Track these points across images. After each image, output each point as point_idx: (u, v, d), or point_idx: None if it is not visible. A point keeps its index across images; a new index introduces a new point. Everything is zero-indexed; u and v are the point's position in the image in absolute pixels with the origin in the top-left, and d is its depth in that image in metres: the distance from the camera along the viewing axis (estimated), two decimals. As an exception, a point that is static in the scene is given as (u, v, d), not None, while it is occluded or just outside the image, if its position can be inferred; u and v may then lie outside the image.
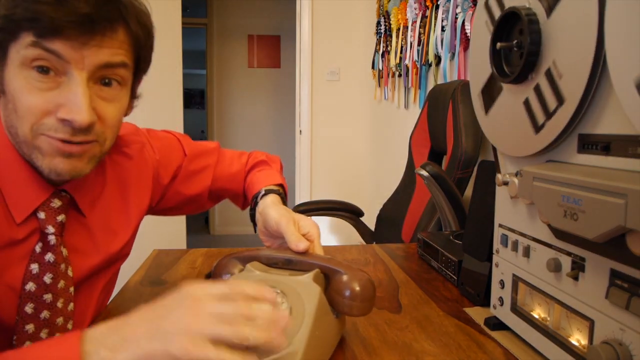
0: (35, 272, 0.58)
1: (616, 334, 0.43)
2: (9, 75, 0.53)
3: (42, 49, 0.51)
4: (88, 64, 0.53)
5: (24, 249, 0.58)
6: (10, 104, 0.53)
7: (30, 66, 0.52)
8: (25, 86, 0.52)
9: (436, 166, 1.07)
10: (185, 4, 3.14)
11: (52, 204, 0.59)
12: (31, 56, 0.51)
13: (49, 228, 0.59)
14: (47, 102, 0.53)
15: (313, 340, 0.50)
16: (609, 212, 0.38)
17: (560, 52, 0.47)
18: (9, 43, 0.52)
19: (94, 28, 0.52)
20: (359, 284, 0.55)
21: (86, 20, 0.51)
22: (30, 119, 0.53)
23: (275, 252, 0.63)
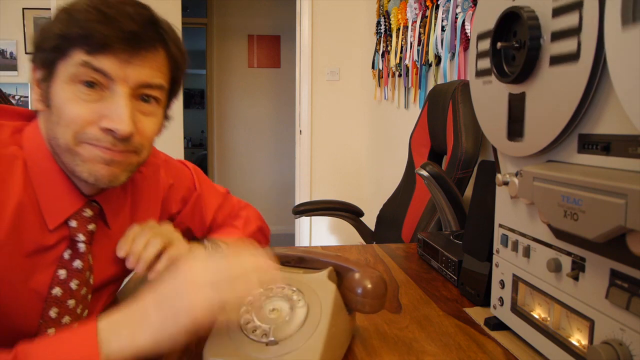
0: (63, 278, 0.61)
1: (616, 334, 0.43)
2: (56, 89, 0.56)
3: (91, 68, 0.55)
4: (130, 81, 0.57)
5: (52, 255, 0.60)
6: (54, 116, 0.57)
7: (77, 81, 0.56)
8: (72, 98, 0.56)
9: (436, 166, 1.07)
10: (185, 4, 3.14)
11: (84, 213, 0.62)
12: (80, 73, 0.55)
13: (80, 236, 0.62)
14: (91, 113, 0.56)
15: (330, 337, 0.51)
16: (609, 212, 0.38)
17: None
18: (59, 61, 0.56)
19: (139, 46, 0.57)
20: (371, 282, 0.56)
21: (132, 38, 0.56)
22: (73, 127, 0.56)
23: (288, 250, 0.64)
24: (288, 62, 4.27)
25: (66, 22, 0.56)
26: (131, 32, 0.56)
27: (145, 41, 0.57)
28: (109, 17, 0.55)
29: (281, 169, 4.44)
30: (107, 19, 0.55)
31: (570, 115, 0.46)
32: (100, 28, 0.54)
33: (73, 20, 0.55)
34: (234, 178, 4.44)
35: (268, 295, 0.55)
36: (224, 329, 0.53)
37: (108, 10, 0.55)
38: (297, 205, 1.99)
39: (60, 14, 0.57)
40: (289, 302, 0.53)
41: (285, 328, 0.51)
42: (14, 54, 3.19)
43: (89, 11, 0.55)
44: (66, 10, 0.57)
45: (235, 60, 4.35)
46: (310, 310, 0.52)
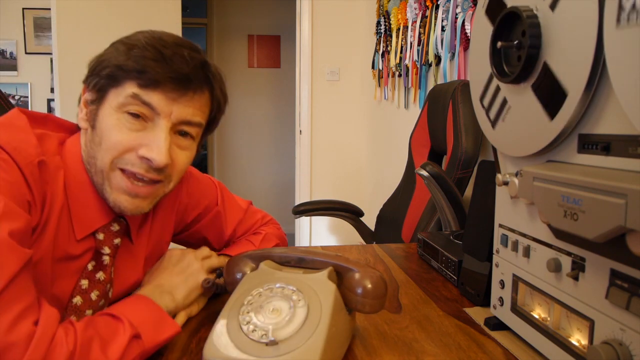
0: (84, 288, 0.63)
1: (616, 334, 0.43)
2: (103, 114, 0.60)
3: (140, 101, 0.59)
4: (174, 116, 0.61)
5: (76, 265, 0.62)
6: (97, 137, 0.60)
7: (125, 111, 0.59)
8: (117, 125, 0.59)
9: (436, 166, 1.07)
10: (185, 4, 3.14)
11: (111, 227, 0.65)
12: (128, 104, 0.59)
13: (105, 249, 0.64)
14: (132, 140, 0.59)
15: (331, 336, 0.51)
16: (609, 212, 0.38)
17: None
18: (111, 88, 0.60)
19: (187, 87, 0.61)
20: (371, 282, 0.56)
21: (183, 79, 0.60)
22: (113, 152, 0.59)
23: (287, 250, 0.64)
24: (288, 62, 4.27)
25: (124, 55, 0.59)
26: (182, 74, 0.59)
27: (194, 83, 0.61)
28: (164, 57, 0.58)
29: (281, 169, 4.44)
30: (163, 58, 0.58)
31: (570, 115, 0.46)
32: (154, 66, 0.58)
33: (131, 54, 0.59)
34: (234, 178, 4.44)
35: (268, 295, 0.55)
36: (224, 329, 0.53)
37: (164, 50, 0.59)
38: (297, 205, 1.99)
39: (120, 45, 0.61)
40: (289, 302, 0.53)
41: (285, 328, 0.51)
42: (14, 54, 3.19)
43: (147, 48, 0.59)
44: (125, 43, 0.60)
45: (235, 60, 4.35)
46: (310, 310, 0.52)
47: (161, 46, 0.59)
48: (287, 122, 4.30)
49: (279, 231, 0.94)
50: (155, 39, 0.60)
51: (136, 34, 0.63)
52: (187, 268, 0.70)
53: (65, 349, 0.46)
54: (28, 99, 3.20)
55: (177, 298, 0.65)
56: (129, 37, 0.62)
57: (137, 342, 0.53)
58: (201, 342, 0.61)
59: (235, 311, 0.54)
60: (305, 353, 0.49)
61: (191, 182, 0.81)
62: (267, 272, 0.60)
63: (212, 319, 0.56)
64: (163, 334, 0.57)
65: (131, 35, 0.62)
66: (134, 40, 0.61)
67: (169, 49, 0.59)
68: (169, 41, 0.61)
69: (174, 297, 0.65)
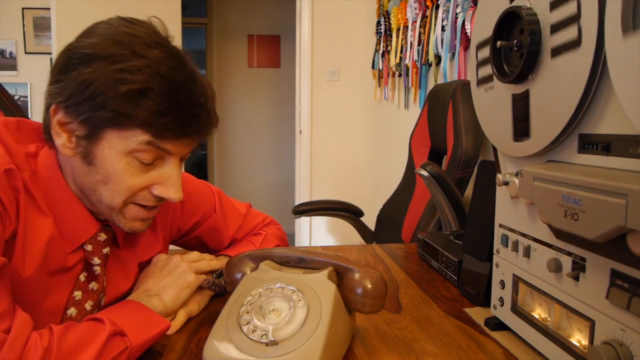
0: (78, 299, 0.62)
1: (617, 334, 0.43)
2: (105, 155, 0.56)
3: (155, 147, 0.56)
4: (183, 152, 0.61)
5: (69, 276, 0.62)
6: (98, 175, 0.57)
7: (135, 156, 0.56)
8: (127, 170, 0.57)
9: (436, 166, 1.07)
10: (185, 4, 3.14)
11: (99, 238, 0.64)
12: (141, 150, 0.56)
13: (95, 259, 0.63)
14: (145, 181, 0.59)
15: (331, 336, 0.51)
16: (609, 212, 0.38)
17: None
18: (110, 128, 0.55)
19: (199, 134, 0.60)
20: (371, 282, 0.56)
21: (198, 130, 0.59)
22: (127, 194, 0.58)
23: (287, 250, 0.64)
24: (288, 62, 4.27)
25: (131, 100, 0.53)
26: (198, 126, 0.58)
27: (205, 130, 0.61)
28: (182, 112, 0.56)
29: (281, 169, 4.44)
30: (181, 115, 0.56)
31: (571, 115, 0.46)
32: (172, 123, 0.55)
33: (142, 103, 0.53)
34: (234, 178, 4.44)
35: (268, 295, 0.55)
36: (224, 329, 0.53)
37: (180, 99, 0.55)
38: (297, 205, 1.99)
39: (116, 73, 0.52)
40: (289, 302, 0.53)
41: (285, 328, 0.51)
42: (13, 53, 3.19)
43: (162, 99, 0.54)
44: (125, 72, 0.53)
45: (235, 60, 4.35)
46: (310, 310, 0.52)
47: (174, 93, 0.55)
48: (287, 122, 4.30)
49: (279, 232, 0.94)
50: (165, 78, 0.54)
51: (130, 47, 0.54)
52: (174, 269, 0.69)
53: (40, 349, 0.45)
54: (28, 98, 3.20)
55: (165, 299, 0.64)
56: (124, 58, 0.53)
57: (121, 339, 0.52)
58: (201, 342, 0.60)
59: (235, 311, 0.54)
60: (305, 353, 0.49)
61: (186, 189, 0.80)
62: (267, 272, 0.60)
63: (212, 319, 0.56)
64: (150, 330, 0.56)
65: (126, 54, 0.53)
66: (136, 71, 0.53)
67: (183, 95, 0.55)
68: (184, 85, 0.56)
69: (162, 299, 0.64)
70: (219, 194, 0.86)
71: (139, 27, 0.57)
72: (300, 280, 0.56)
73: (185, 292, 0.67)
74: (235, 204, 0.89)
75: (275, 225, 0.95)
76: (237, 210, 0.88)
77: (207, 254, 0.77)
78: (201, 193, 0.83)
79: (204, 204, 0.82)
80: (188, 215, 0.80)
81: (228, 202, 0.87)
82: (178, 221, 0.79)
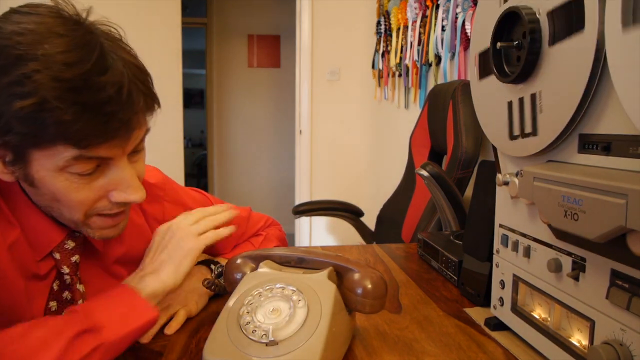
0: (54, 310, 0.60)
1: (617, 335, 0.43)
2: (40, 176, 0.51)
3: (86, 159, 0.50)
4: (126, 150, 0.54)
5: (44, 284, 0.60)
6: (46, 195, 0.53)
7: (70, 171, 0.51)
8: (69, 187, 0.52)
9: (436, 166, 1.07)
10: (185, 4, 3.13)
11: (65, 246, 0.61)
12: (71, 165, 0.50)
13: (64, 268, 0.61)
14: (97, 192, 0.54)
15: (331, 336, 0.51)
16: (609, 212, 0.38)
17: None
18: (31, 148, 0.49)
19: (130, 126, 0.52)
20: (371, 282, 0.56)
21: (124, 125, 0.51)
22: (82, 208, 0.54)
23: (287, 250, 0.64)
24: (288, 62, 4.26)
25: (30, 119, 0.46)
26: (122, 120, 0.50)
27: (134, 121, 0.52)
28: (90, 111, 0.47)
29: (281, 169, 4.44)
30: (90, 114, 0.47)
31: (571, 115, 0.46)
32: (85, 130, 0.47)
33: (42, 118, 0.46)
34: (234, 178, 4.44)
35: (268, 295, 0.55)
36: (224, 329, 0.53)
37: (85, 100, 0.47)
38: (297, 205, 1.99)
39: (6, 89, 0.46)
40: (289, 302, 0.53)
41: (285, 328, 0.51)
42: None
43: (61, 107, 0.46)
44: (15, 85, 0.45)
45: (235, 60, 4.35)
46: (310, 310, 0.52)
47: (75, 94, 0.46)
48: (287, 122, 4.30)
49: (279, 232, 0.94)
50: (59, 80, 0.45)
51: (15, 51, 0.46)
52: (172, 239, 0.61)
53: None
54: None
55: (162, 277, 0.57)
56: (10, 67, 0.45)
57: (92, 336, 0.48)
58: (201, 342, 0.60)
59: (235, 311, 0.54)
60: (305, 353, 0.49)
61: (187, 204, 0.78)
62: (267, 272, 0.60)
63: (212, 319, 0.56)
64: (133, 322, 0.52)
65: (10, 62, 0.45)
66: (25, 81, 0.45)
67: (87, 93, 0.47)
68: (81, 76, 0.46)
69: (159, 276, 0.57)
70: (217, 202, 0.85)
71: (32, 17, 0.48)
72: (300, 280, 0.56)
73: (186, 262, 0.60)
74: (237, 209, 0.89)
75: (276, 226, 0.95)
76: (239, 216, 0.88)
77: (211, 207, 0.69)
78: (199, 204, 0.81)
79: None
80: None
81: None
82: None
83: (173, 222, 0.64)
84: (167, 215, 0.75)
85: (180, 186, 0.80)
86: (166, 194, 0.76)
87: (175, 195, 0.77)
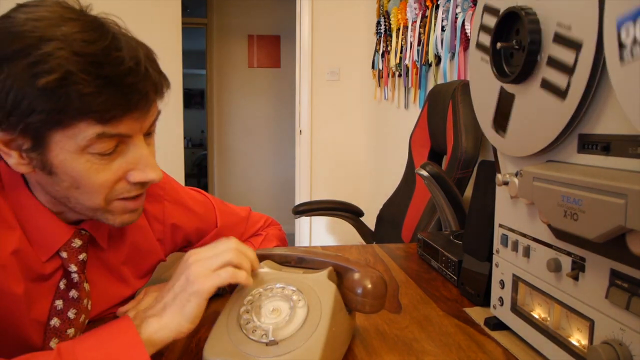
0: (60, 308, 0.60)
1: (616, 334, 0.43)
2: (60, 159, 0.51)
3: (108, 136, 0.51)
4: (144, 129, 0.56)
5: (50, 284, 0.60)
6: (65, 182, 0.53)
7: (91, 151, 0.52)
8: (91, 168, 0.52)
9: (436, 166, 1.07)
10: (185, 4, 3.14)
11: (73, 244, 0.61)
12: (94, 144, 0.51)
13: (72, 267, 0.61)
14: (116, 173, 0.55)
15: (331, 336, 0.51)
16: (609, 212, 0.38)
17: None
18: (51, 129, 0.50)
19: (148, 101, 0.54)
20: (371, 282, 0.56)
21: (144, 97, 0.53)
22: (103, 191, 0.55)
23: (287, 250, 0.64)
24: (288, 62, 4.27)
25: (55, 93, 0.47)
26: (140, 93, 0.52)
27: (151, 95, 0.54)
28: (112, 84, 0.49)
29: (281, 169, 4.44)
30: (112, 87, 0.49)
31: (570, 115, 0.46)
32: (110, 101, 0.49)
33: (67, 92, 0.47)
34: (234, 178, 4.44)
35: (268, 295, 0.55)
36: (224, 329, 0.53)
37: (108, 72, 0.49)
38: (297, 205, 1.99)
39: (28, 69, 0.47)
40: (289, 302, 0.53)
41: (285, 328, 0.51)
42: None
43: (85, 80, 0.47)
44: (37, 65, 0.47)
45: (235, 60, 4.35)
46: (310, 310, 0.52)
47: (98, 67, 0.48)
48: (287, 122, 4.30)
49: (279, 232, 0.94)
50: (82, 55, 0.47)
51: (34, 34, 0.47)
52: (182, 274, 0.53)
53: None
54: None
55: (164, 320, 0.51)
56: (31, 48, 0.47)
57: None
58: (201, 342, 0.60)
59: (235, 311, 0.54)
60: (305, 353, 0.49)
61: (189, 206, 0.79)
62: (267, 272, 0.60)
63: (212, 319, 0.56)
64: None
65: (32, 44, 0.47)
66: (47, 58, 0.46)
67: (109, 67, 0.49)
68: (101, 51, 0.49)
69: (161, 319, 0.51)
70: (217, 203, 0.85)
71: (41, 9, 0.50)
72: (300, 280, 0.56)
73: (190, 305, 0.51)
74: (236, 209, 0.89)
75: (275, 226, 0.95)
76: (239, 216, 0.88)
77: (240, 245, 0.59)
78: (201, 207, 0.82)
79: (205, 218, 0.82)
80: (179, 232, 0.78)
81: (228, 212, 0.86)
82: (171, 238, 0.77)
83: (198, 250, 0.55)
84: (167, 214, 0.75)
85: (181, 186, 0.80)
86: (166, 193, 0.76)
87: (175, 194, 0.77)
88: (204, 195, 0.85)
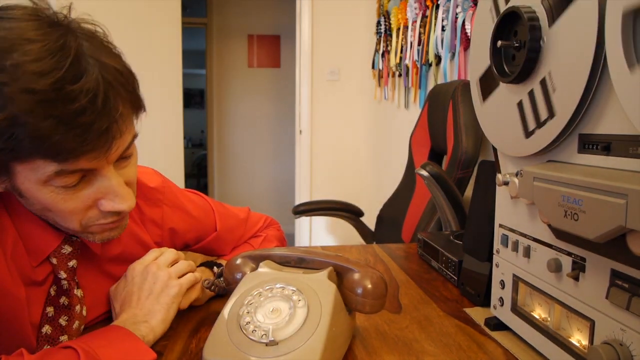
0: (51, 315, 0.59)
1: (617, 334, 0.43)
2: (27, 188, 0.50)
3: (68, 173, 0.49)
4: (111, 160, 0.52)
5: (42, 290, 0.59)
6: (37, 205, 0.52)
7: (54, 184, 0.49)
8: (56, 198, 0.51)
9: (436, 166, 1.07)
10: (185, 4, 3.14)
11: (62, 251, 0.60)
12: (53, 178, 0.49)
13: (61, 273, 0.60)
14: (85, 201, 0.53)
15: (331, 336, 0.51)
16: (609, 212, 0.38)
17: (561, 52, 0.47)
18: (13, 161, 0.48)
19: (110, 133, 0.49)
20: (371, 282, 0.56)
21: (104, 133, 0.48)
22: (76, 217, 0.54)
23: (287, 250, 0.64)
24: (288, 62, 4.27)
25: (4, 133, 0.44)
26: (101, 129, 0.47)
27: (114, 129, 0.49)
28: (66, 123, 0.45)
29: (281, 169, 4.44)
30: (66, 126, 0.45)
31: (570, 115, 0.46)
32: (65, 140, 0.45)
33: (17, 132, 0.44)
34: (234, 178, 4.44)
35: (268, 295, 0.55)
36: (224, 329, 0.53)
37: (59, 111, 0.44)
38: (297, 205, 1.99)
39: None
40: (289, 303, 0.53)
41: (285, 328, 0.51)
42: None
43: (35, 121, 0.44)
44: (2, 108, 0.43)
45: (235, 60, 4.35)
46: (310, 310, 0.52)
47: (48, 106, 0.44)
48: (287, 122, 4.30)
49: (279, 232, 0.94)
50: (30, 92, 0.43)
51: None
52: (154, 285, 0.62)
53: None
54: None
55: (153, 325, 0.58)
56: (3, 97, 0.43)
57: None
58: (201, 342, 0.61)
59: (235, 311, 0.54)
60: (305, 353, 0.49)
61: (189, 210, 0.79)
62: (267, 272, 0.60)
63: (212, 319, 0.56)
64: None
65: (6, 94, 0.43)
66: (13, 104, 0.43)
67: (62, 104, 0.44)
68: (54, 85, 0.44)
69: (150, 325, 0.58)
70: (216, 206, 0.85)
71: (4, 23, 0.46)
72: (300, 280, 0.56)
73: (173, 308, 0.62)
74: (235, 211, 0.88)
75: (275, 226, 0.95)
76: (238, 218, 0.87)
77: (181, 253, 0.70)
78: (201, 211, 0.81)
79: (203, 222, 0.81)
80: (178, 236, 0.78)
81: (227, 215, 0.86)
82: (171, 237, 0.77)
83: (149, 263, 0.64)
84: (165, 219, 0.74)
85: (179, 189, 0.80)
86: (165, 198, 0.75)
87: (174, 199, 0.77)
88: (203, 199, 0.85)
